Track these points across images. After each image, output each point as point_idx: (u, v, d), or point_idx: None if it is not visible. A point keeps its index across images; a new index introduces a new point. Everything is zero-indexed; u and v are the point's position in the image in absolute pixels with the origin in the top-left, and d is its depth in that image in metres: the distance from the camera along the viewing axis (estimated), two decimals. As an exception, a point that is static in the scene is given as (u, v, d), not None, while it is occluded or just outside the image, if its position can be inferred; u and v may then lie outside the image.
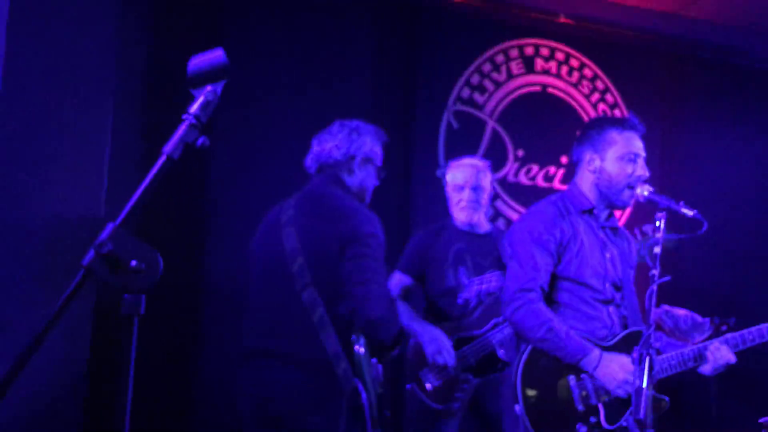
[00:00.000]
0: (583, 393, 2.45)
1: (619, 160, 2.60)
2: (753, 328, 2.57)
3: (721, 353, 2.50)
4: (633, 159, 2.61)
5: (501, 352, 3.13)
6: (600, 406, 2.45)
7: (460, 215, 3.45)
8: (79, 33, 3.30)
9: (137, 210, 1.16)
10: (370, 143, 2.62)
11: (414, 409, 3.25)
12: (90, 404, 3.20)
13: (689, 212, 2.43)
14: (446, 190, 3.53)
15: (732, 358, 2.51)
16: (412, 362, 3.29)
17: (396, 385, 3.74)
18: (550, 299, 2.57)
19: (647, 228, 2.97)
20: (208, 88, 1.27)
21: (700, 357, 2.52)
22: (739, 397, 4.79)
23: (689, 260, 3.73)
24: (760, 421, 4.05)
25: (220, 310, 3.99)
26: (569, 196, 2.68)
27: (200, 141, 1.22)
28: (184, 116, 1.26)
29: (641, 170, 2.61)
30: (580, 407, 2.44)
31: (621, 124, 2.65)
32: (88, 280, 1.16)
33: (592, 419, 2.44)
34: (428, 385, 3.19)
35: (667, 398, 2.54)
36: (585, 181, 2.66)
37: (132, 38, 3.81)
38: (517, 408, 2.42)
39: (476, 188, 3.38)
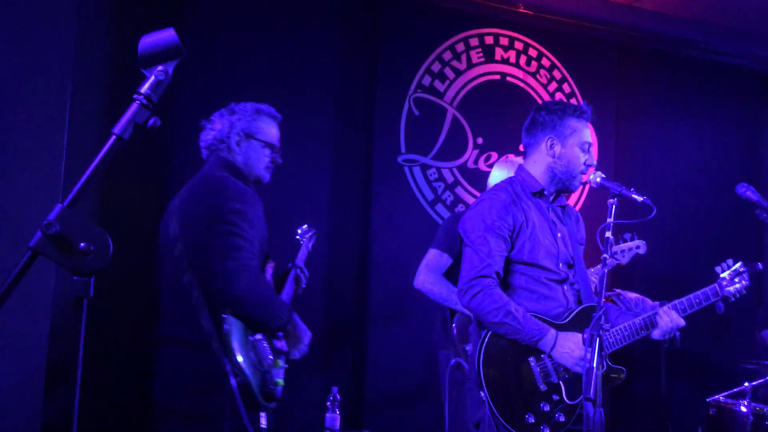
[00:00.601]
0: (544, 372, 2.51)
1: (578, 147, 2.68)
2: (699, 292, 2.69)
3: (671, 317, 2.61)
4: (588, 149, 2.70)
5: None
6: (561, 383, 2.51)
7: None
8: (38, 16, 3.23)
9: (87, 191, 1.15)
10: (246, 119, 2.57)
11: (457, 380, 3.27)
12: (49, 393, 3.17)
13: (639, 198, 2.52)
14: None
15: (681, 322, 2.62)
16: (457, 336, 3.35)
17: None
18: (505, 283, 2.63)
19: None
20: (159, 67, 1.26)
21: (651, 324, 2.61)
22: (687, 378, 4.95)
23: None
24: (708, 399, 4.20)
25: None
26: (519, 180, 2.74)
27: (151, 121, 1.21)
28: (135, 96, 1.25)
29: (591, 158, 2.71)
30: (543, 387, 2.51)
31: (579, 113, 2.72)
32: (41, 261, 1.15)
33: (555, 397, 2.50)
34: None
35: (623, 368, 2.61)
36: (538, 163, 2.72)
37: (91, 23, 3.74)
38: (482, 394, 2.46)
39: None
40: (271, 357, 2.36)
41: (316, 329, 4.49)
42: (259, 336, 2.32)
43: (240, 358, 2.20)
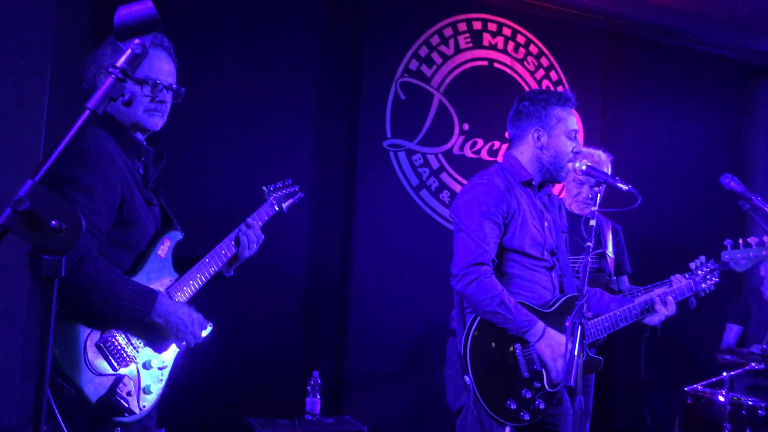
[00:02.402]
0: (528, 359, 2.52)
1: (565, 136, 2.68)
2: (675, 287, 2.81)
3: (669, 305, 2.72)
4: (574, 136, 2.69)
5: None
6: (543, 370, 2.53)
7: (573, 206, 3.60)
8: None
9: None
10: (108, 56, 2.01)
11: None
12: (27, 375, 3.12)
13: (624, 187, 2.52)
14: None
15: (674, 309, 2.74)
16: None
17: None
18: (499, 271, 2.63)
19: (751, 240, 3.10)
20: (136, 41, 1.21)
21: (648, 310, 2.71)
22: (666, 368, 5.00)
23: (625, 232, 3.85)
24: (686, 389, 4.25)
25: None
26: (508, 168, 2.72)
27: (127, 97, 1.17)
28: (110, 70, 1.20)
29: (578, 146, 2.71)
30: (526, 374, 2.52)
31: (563, 101, 2.71)
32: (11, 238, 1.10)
33: (536, 384, 2.52)
34: None
35: (601, 358, 2.64)
36: (526, 154, 2.71)
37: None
38: (467, 379, 2.46)
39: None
40: (131, 356, 1.92)
41: (298, 313, 4.50)
42: (108, 334, 1.87)
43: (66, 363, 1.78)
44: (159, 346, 1.99)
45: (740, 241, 3.29)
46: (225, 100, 4.33)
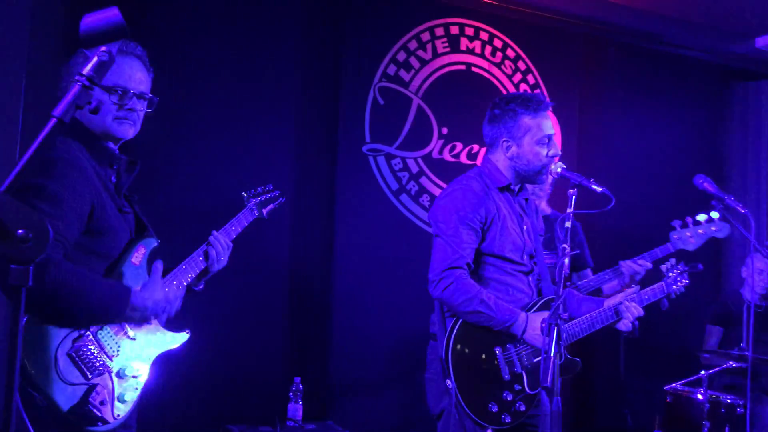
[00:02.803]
0: (509, 362, 2.53)
1: (536, 144, 2.68)
2: (648, 289, 2.89)
3: (633, 310, 2.74)
4: (547, 141, 2.68)
5: None
6: (524, 373, 2.54)
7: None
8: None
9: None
10: (81, 64, 1.94)
11: None
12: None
13: (598, 188, 2.54)
14: None
15: (641, 312, 2.76)
16: None
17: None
18: (476, 275, 2.64)
19: (699, 217, 3.19)
20: (102, 48, 1.21)
21: (617, 313, 2.73)
22: (646, 367, 5.04)
23: (599, 235, 3.89)
24: (666, 388, 4.28)
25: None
26: (486, 173, 2.73)
27: (93, 105, 1.16)
28: (77, 78, 1.20)
29: (554, 149, 2.70)
30: (506, 376, 2.54)
31: (534, 107, 2.69)
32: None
33: (517, 387, 2.54)
34: None
35: (578, 360, 2.66)
36: (501, 161, 2.73)
37: (46, 2, 3.63)
38: (449, 382, 2.47)
39: None
40: (104, 365, 1.88)
41: (279, 319, 4.49)
42: (80, 343, 1.84)
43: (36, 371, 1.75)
44: (132, 359, 1.97)
45: (688, 219, 3.36)
46: (204, 106, 4.31)
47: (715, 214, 3.32)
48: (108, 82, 1.92)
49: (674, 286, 2.94)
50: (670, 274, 2.95)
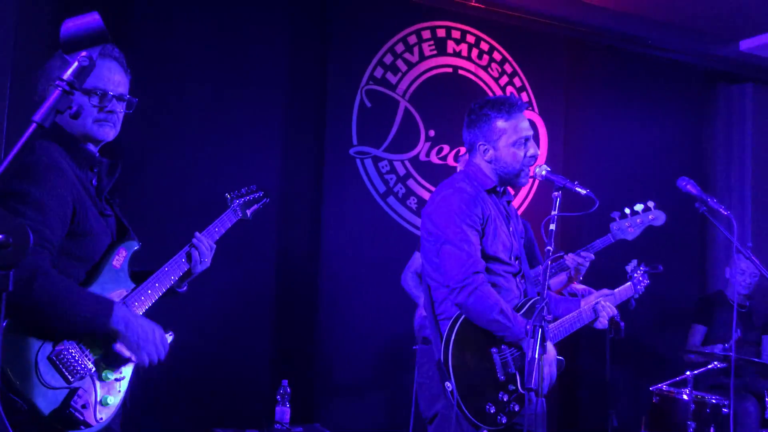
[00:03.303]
0: (504, 362, 2.54)
1: (512, 146, 2.67)
2: (618, 291, 2.98)
3: (609, 306, 2.83)
4: (524, 142, 2.68)
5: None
6: (517, 373, 2.55)
7: None
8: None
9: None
10: (58, 68, 1.94)
11: None
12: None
13: (582, 191, 2.55)
14: None
15: (615, 310, 2.84)
16: None
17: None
18: None
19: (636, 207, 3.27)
20: (83, 53, 1.20)
21: (595, 312, 2.80)
22: (631, 368, 5.07)
23: (586, 238, 3.91)
24: (651, 388, 4.31)
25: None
26: (473, 176, 2.74)
27: (74, 109, 1.16)
28: (57, 83, 1.20)
29: (533, 149, 2.69)
30: (501, 377, 2.54)
31: (507, 110, 2.68)
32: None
33: (511, 387, 2.55)
34: None
35: (562, 359, 2.67)
36: (482, 164, 2.74)
37: (32, 9, 3.61)
38: (449, 385, 2.47)
39: None
40: (86, 368, 1.86)
41: (266, 321, 4.48)
42: (61, 347, 1.81)
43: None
44: (114, 362, 1.93)
45: (626, 210, 3.40)
46: (191, 108, 4.31)
47: (651, 203, 3.39)
48: (87, 84, 1.90)
49: (639, 286, 3.04)
50: (635, 274, 3.03)
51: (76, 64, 1.20)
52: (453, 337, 2.53)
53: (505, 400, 2.53)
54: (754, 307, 4.93)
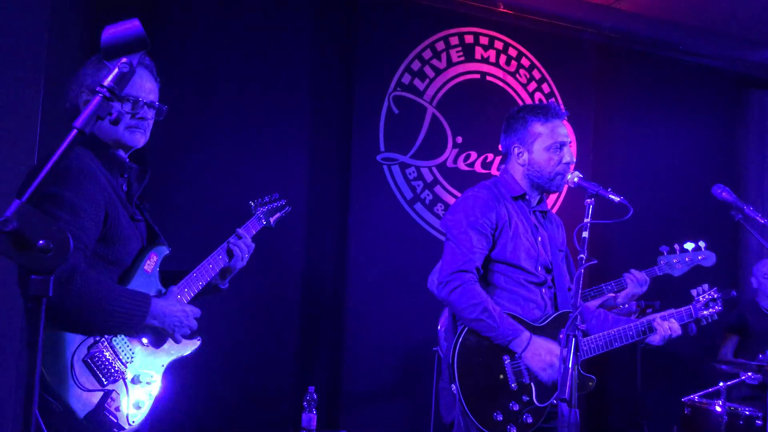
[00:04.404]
0: (517, 372, 2.51)
1: (546, 150, 2.66)
2: (674, 311, 2.79)
3: (670, 325, 2.70)
4: (560, 147, 2.67)
5: None
6: (532, 384, 2.51)
7: None
8: (11, 7, 3.16)
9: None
10: (90, 75, 2.01)
11: None
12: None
13: (616, 198, 2.51)
14: None
15: (679, 331, 2.73)
16: None
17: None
18: (486, 282, 2.63)
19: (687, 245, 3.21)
20: (123, 59, 1.22)
21: (649, 330, 2.67)
22: (663, 378, 4.99)
23: (616, 244, 3.86)
24: (683, 399, 4.23)
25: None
26: (502, 182, 2.74)
27: (114, 116, 1.17)
28: (98, 89, 1.21)
29: (568, 156, 2.68)
30: (514, 386, 2.51)
31: (544, 114, 2.69)
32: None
33: (525, 398, 2.51)
34: None
35: (593, 377, 2.63)
36: (516, 170, 2.74)
37: (65, 15, 3.67)
38: (454, 387, 2.45)
39: None
40: (119, 371, 1.89)
41: (293, 328, 4.49)
42: (95, 350, 1.84)
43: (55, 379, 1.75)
44: (157, 342, 2.01)
45: (676, 246, 3.34)
46: (219, 115, 4.34)
47: (702, 243, 3.34)
48: (125, 91, 1.91)
49: (705, 312, 2.80)
50: (700, 298, 2.81)
51: (116, 70, 1.21)
52: (461, 339, 2.51)
53: (515, 410, 2.49)
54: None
